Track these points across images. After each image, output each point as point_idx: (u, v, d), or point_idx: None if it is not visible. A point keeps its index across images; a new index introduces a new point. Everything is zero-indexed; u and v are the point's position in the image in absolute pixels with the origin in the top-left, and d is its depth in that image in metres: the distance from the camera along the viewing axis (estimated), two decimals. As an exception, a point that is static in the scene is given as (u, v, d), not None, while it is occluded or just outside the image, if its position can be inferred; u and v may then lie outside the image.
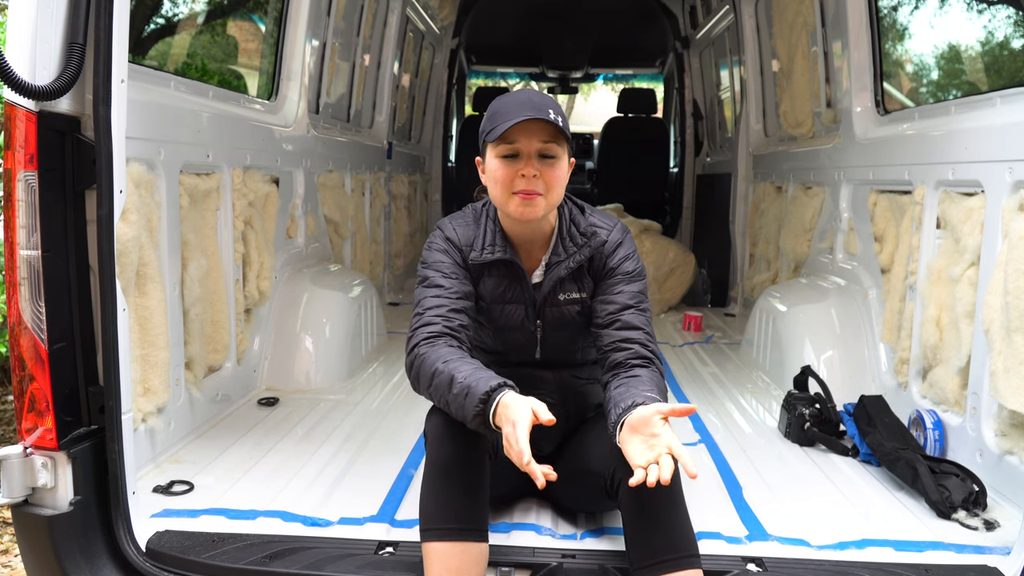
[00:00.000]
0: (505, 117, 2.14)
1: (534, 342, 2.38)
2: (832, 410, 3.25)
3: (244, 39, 7.19)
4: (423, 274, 2.32)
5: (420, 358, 2.13)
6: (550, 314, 2.34)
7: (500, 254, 2.28)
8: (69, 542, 2.19)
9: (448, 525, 2.04)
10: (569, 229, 2.32)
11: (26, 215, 2.12)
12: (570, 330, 2.38)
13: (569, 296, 2.33)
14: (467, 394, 1.98)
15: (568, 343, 2.41)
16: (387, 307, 5.89)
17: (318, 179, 4.69)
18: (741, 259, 6.21)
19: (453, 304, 2.23)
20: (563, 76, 10.04)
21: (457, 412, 2.02)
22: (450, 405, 2.04)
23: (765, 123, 6.11)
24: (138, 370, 2.73)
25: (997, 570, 2.21)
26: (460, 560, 2.02)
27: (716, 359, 4.73)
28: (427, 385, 2.11)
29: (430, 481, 2.11)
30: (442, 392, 2.05)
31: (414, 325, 2.22)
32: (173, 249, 2.98)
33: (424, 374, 2.11)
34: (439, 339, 2.16)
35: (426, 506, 2.09)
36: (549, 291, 2.32)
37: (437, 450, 2.12)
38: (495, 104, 2.23)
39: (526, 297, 2.33)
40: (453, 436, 2.10)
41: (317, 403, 3.68)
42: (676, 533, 2.02)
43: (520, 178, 2.16)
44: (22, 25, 2.08)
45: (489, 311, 2.36)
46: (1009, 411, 2.58)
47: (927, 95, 6.78)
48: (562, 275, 2.30)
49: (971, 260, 2.85)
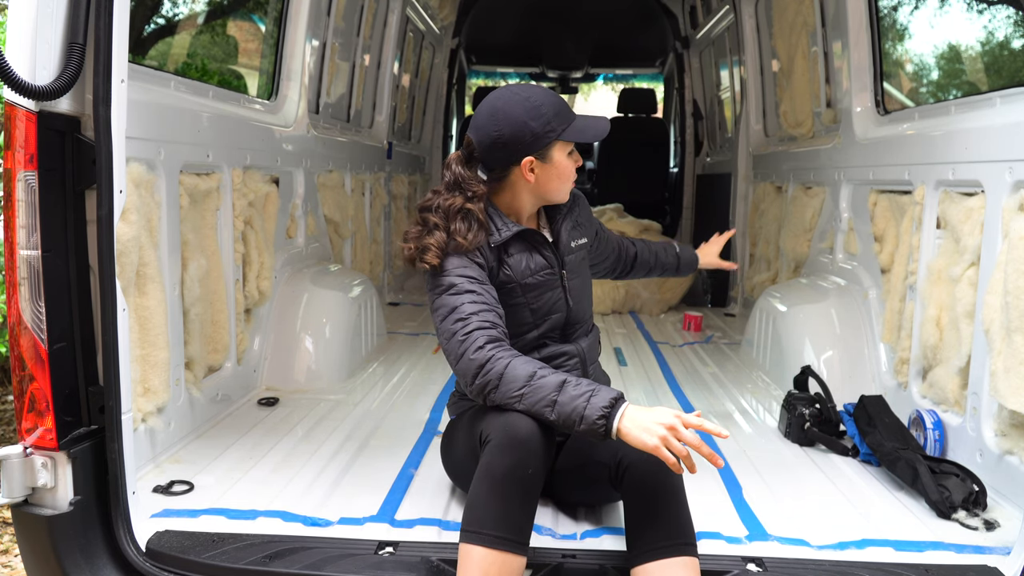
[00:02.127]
0: (568, 116, 2.37)
1: (564, 294, 2.50)
2: (832, 410, 3.25)
3: (244, 39, 7.19)
4: (446, 282, 2.28)
5: (500, 360, 2.13)
6: (570, 262, 2.53)
7: (516, 228, 2.40)
8: (69, 542, 2.19)
9: (497, 533, 2.02)
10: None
11: (26, 215, 2.12)
12: (582, 277, 2.59)
13: (578, 243, 2.59)
14: (593, 394, 2.05)
15: (583, 289, 2.58)
16: (387, 307, 5.89)
17: (318, 179, 4.69)
18: (741, 259, 6.21)
19: (494, 311, 2.26)
20: (563, 76, 10.04)
21: (568, 414, 2.04)
22: (558, 406, 2.05)
23: (765, 123, 6.11)
24: (138, 370, 2.73)
25: (997, 570, 2.21)
26: (499, 570, 2.01)
27: (716, 359, 4.73)
28: (518, 387, 2.09)
29: (488, 484, 2.07)
30: (546, 393, 2.07)
31: (464, 329, 2.19)
32: (173, 249, 2.98)
33: (515, 375, 2.10)
34: (504, 343, 2.19)
35: (477, 508, 2.06)
36: (566, 241, 2.53)
37: (504, 457, 2.07)
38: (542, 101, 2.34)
39: (548, 259, 2.47)
40: (524, 445, 2.07)
41: (317, 403, 3.68)
42: (675, 522, 2.09)
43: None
44: (22, 25, 2.08)
45: (523, 287, 2.41)
46: (1009, 411, 2.58)
47: (927, 95, 6.79)
48: (569, 225, 2.56)
49: (971, 260, 2.85)
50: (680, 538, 2.07)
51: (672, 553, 2.05)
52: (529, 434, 2.08)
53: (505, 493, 2.05)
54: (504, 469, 2.06)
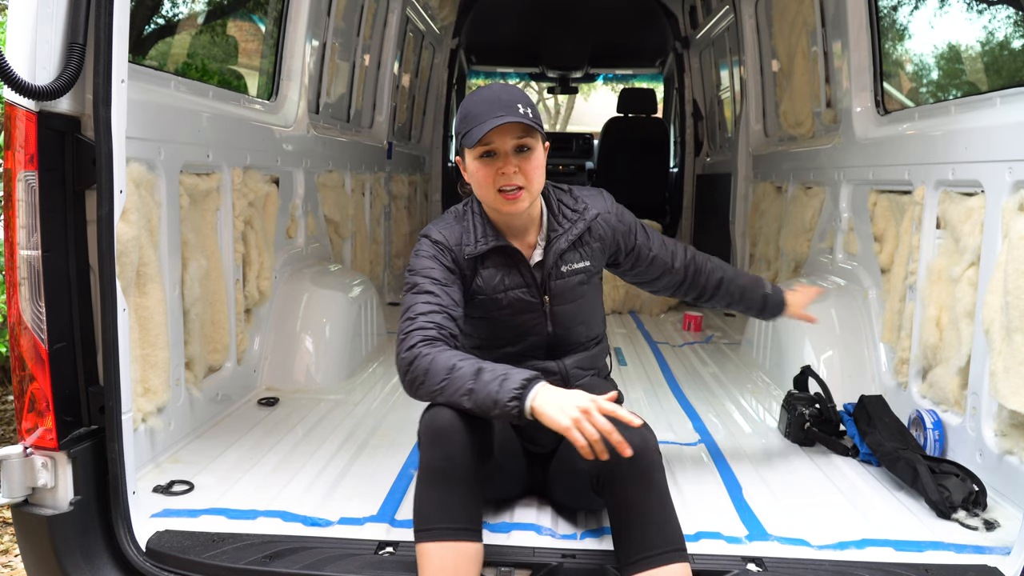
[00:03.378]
0: (477, 119, 2.21)
1: (544, 319, 2.43)
2: (832, 410, 3.25)
3: (244, 39, 7.19)
4: (412, 281, 2.32)
5: (426, 356, 2.13)
6: (556, 287, 2.42)
7: (494, 243, 2.34)
8: (69, 542, 2.19)
9: (442, 525, 2.04)
10: (559, 207, 2.44)
11: (26, 215, 2.12)
12: (576, 301, 2.46)
13: (572, 267, 2.44)
14: (504, 379, 2.01)
15: (576, 315, 2.47)
16: (387, 307, 5.89)
17: (318, 179, 4.69)
18: (741, 259, 6.20)
19: (444, 312, 2.25)
20: (563, 76, 10.04)
21: (482, 400, 2.03)
22: (473, 393, 2.04)
23: (765, 123, 6.11)
24: (138, 370, 2.73)
25: (997, 570, 2.21)
26: (455, 560, 2.02)
27: (716, 359, 4.73)
28: (439, 380, 2.10)
29: (423, 483, 2.11)
30: (462, 382, 2.06)
31: (406, 329, 2.22)
32: (173, 249, 2.98)
33: (436, 368, 2.11)
34: (438, 342, 2.18)
35: (419, 508, 2.10)
36: (553, 264, 2.40)
37: (430, 451, 2.11)
38: (465, 105, 2.28)
39: (526, 279, 2.39)
40: (445, 437, 2.10)
41: (317, 403, 3.68)
42: (661, 528, 2.05)
43: (501, 176, 2.24)
44: (22, 25, 2.08)
45: (492, 302, 2.38)
46: (1009, 411, 2.58)
47: (927, 95, 6.79)
48: (563, 247, 2.41)
49: (971, 260, 2.85)
50: (669, 545, 2.04)
51: (662, 562, 2.02)
52: (450, 425, 2.09)
53: (441, 486, 2.08)
54: (434, 463, 2.09)
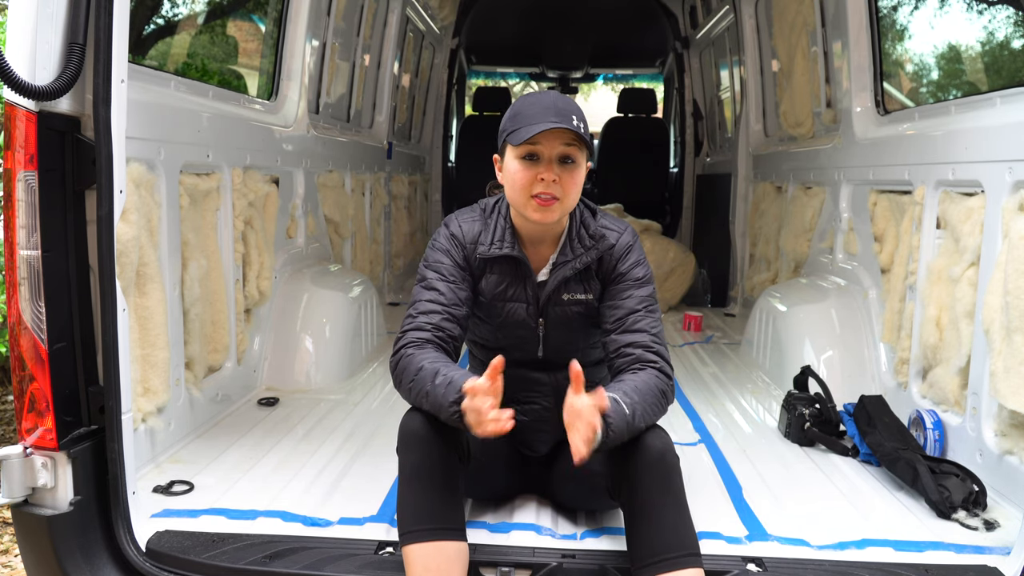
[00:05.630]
0: (529, 120, 2.16)
1: (536, 340, 2.40)
2: (832, 410, 3.25)
3: (244, 39, 7.19)
4: (422, 273, 2.34)
5: (407, 357, 2.17)
6: (553, 313, 2.36)
7: (508, 250, 2.31)
8: (69, 542, 2.19)
9: (423, 526, 2.06)
10: (579, 231, 2.34)
11: (26, 215, 2.12)
12: (572, 330, 2.40)
13: (573, 297, 2.35)
14: (449, 383, 2.03)
15: (570, 343, 2.41)
16: (387, 307, 5.89)
17: (318, 179, 4.69)
18: (741, 259, 6.20)
19: (447, 311, 2.26)
20: (563, 76, 10.03)
21: (434, 404, 2.06)
22: (428, 397, 2.07)
23: (765, 123, 6.11)
24: (138, 370, 2.73)
25: (997, 570, 2.22)
26: (438, 559, 2.04)
27: (716, 359, 4.73)
28: (409, 381, 2.13)
29: (401, 487, 2.14)
30: (423, 385, 2.08)
31: (405, 327, 2.25)
32: (173, 249, 2.98)
33: (409, 370, 2.14)
34: (427, 344, 2.20)
35: (399, 512, 2.12)
36: (553, 290, 2.34)
37: (408, 454, 2.14)
38: (520, 104, 2.25)
39: (528, 296, 2.35)
40: (422, 439, 2.12)
41: (317, 403, 3.68)
42: (677, 532, 2.05)
43: (539, 182, 2.17)
44: (22, 25, 2.08)
45: (490, 307, 2.37)
46: (1009, 411, 2.58)
47: (927, 95, 6.78)
48: (568, 275, 2.32)
49: (971, 260, 2.85)
50: (684, 549, 2.04)
51: (678, 566, 2.01)
52: (419, 426, 2.13)
53: (417, 488, 2.10)
54: (409, 465, 2.13)
